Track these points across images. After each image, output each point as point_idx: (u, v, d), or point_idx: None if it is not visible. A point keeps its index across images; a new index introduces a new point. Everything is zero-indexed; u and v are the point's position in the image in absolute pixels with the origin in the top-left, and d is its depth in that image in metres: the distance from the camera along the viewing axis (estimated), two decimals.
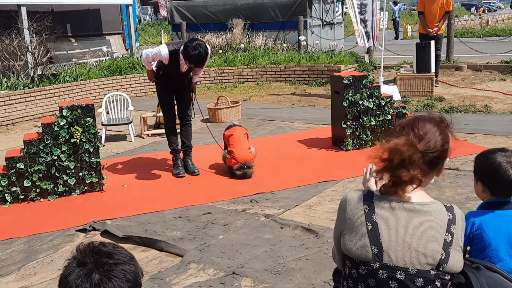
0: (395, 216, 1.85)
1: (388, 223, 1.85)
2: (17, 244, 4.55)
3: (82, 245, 1.53)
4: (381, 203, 1.88)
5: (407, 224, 1.83)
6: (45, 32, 10.83)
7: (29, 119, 9.76)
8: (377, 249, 1.82)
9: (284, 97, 10.88)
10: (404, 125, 1.89)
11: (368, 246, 1.83)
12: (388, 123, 6.93)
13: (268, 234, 4.51)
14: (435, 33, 10.35)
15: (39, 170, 5.43)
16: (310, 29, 14.46)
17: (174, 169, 6.22)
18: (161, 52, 5.73)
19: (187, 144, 6.29)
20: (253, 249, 4.24)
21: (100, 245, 1.52)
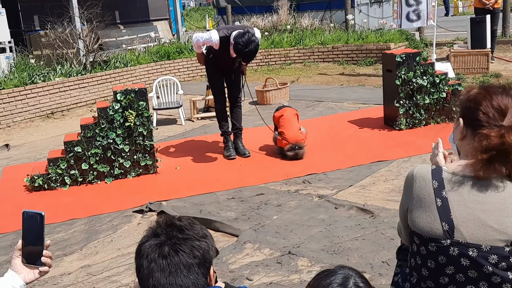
0: (466, 192, 1.78)
1: (459, 198, 1.78)
2: (78, 224, 4.70)
3: (162, 218, 1.57)
4: (451, 178, 1.82)
5: (480, 200, 1.76)
6: (95, 19, 11.05)
7: (82, 105, 10.01)
8: (448, 225, 1.76)
9: (332, 77, 10.73)
10: None
11: (438, 223, 1.78)
12: (443, 101, 6.73)
13: (322, 214, 4.48)
14: (492, 7, 9.91)
15: (96, 153, 5.57)
16: (358, 8, 14.14)
17: (225, 151, 6.26)
18: (212, 38, 5.72)
19: (237, 126, 6.30)
20: (308, 229, 4.22)
21: (175, 219, 1.55)
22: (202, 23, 26.40)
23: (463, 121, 1.91)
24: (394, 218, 4.27)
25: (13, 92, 9.06)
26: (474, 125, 1.86)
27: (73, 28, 11.13)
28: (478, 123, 1.85)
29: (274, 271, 3.62)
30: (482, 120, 1.84)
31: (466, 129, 1.89)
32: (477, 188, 1.77)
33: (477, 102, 1.87)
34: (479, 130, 1.82)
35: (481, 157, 1.76)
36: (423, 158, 5.64)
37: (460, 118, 1.93)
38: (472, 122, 1.87)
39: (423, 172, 1.88)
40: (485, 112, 1.85)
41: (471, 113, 1.87)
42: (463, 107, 1.94)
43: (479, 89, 1.93)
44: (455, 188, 1.79)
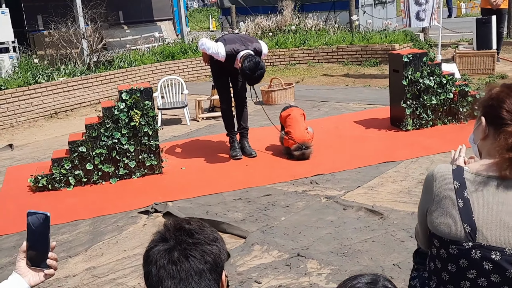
0: (489, 192, 1.72)
1: (481, 199, 1.72)
2: (82, 225, 4.64)
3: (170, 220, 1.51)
4: (473, 178, 1.76)
5: (503, 201, 1.70)
6: (99, 19, 11.01)
7: (86, 105, 9.97)
8: (470, 227, 1.70)
9: (337, 78, 10.67)
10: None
11: (460, 224, 1.72)
12: (450, 102, 6.67)
13: (331, 215, 4.42)
14: (499, 4, 9.80)
15: (101, 153, 5.51)
16: (362, 9, 14.09)
17: (231, 151, 6.20)
18: (219, 54, 5.71)
19: (243, 126, 6.25)
20: (317, 231, 4.16)
21: (184, 222, 1.49)
22: (205, 23, 26.38)
23: (485, 119, 1.86)
24: (404, 220, 4.21)
25: (17, 92, 9.02)
26: (497, 123, 1.81)
27: (77, 28, 11.09)
28: (502, 121, 1.80)
29: (283, 274, 3.56)
30: (506, 118, 1.79)
31: (489, 128, 1.84)
32: (501, 189, 1.71)
33: (500, 100, 1.82)
34: (503, 128, 1.77)
35: (508, 155, 1.70)
36: (431, 159, 5.58)
37: (482, 117, 1.88)
38: (495, 121, 1.81)
39: (443, 171, 1.81)
40: (509, 109, 1.79)
41: (494, 111, 1.82)
42: (485, 106, 1.89)
43: (501, 87, 1.88)
44: (477, 189, 1.73)
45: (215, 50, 5.73)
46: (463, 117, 6.73)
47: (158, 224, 4.53)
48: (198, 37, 13.87)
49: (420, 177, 5.09)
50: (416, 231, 2.07)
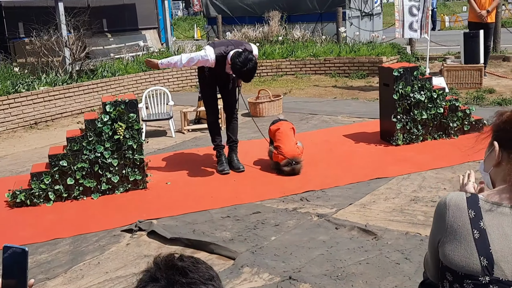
0: (506, 223, 1.60)
1: (499, 230, 1.59)
2: (62, 244, 4.41)
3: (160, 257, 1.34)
4: (489, 207, 1.63)
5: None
6: (82, 27, 10.78)
7: (68, 115, 9.71)
8: (487, 260, 1.57)
9: (325, 90, 10.56)
10: None
11: (476, 257, 1.58)
12: (440, 117, 6.58)
13: (323, 235, 4.25)
14: (486, 17, 9.78)
15: (82, 167, 5.29)
16: (349, 21, 14.06)
17: (218, 165, 6.02)
18: (208, 57, 5.50)
19: (233, 139, 6.07)
20: (309, 251, 3.99)
21: (177, 259, 1.33)
22: (190, 32, 26.25)
23: (498, 144, 1.74)
24: (398, 241, 4.07)
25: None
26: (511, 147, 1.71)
27: (59, 36, 10.84)
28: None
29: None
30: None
31: (502, 153, 1.72)
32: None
33: None
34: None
35: None
36: (422, 176, 5.47)
37: (494, 142, 1.76)
38: (509, 144, 1.70)
39: (457, 200, 1.68)
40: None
41: (507, 134, 1.72)
42: (497, 130, 1.78)
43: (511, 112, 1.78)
44: (494, 219, 1.61)
45: (204, 54, 5.52)
46: (453, 132, 6.64)
47: (142, 243, 4.33)
48: (183, 46, 13.70)
49: (413, 195, 4.97)
50: (426, 261, 1.92)
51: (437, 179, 5.33)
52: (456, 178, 5.31)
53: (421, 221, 4.40)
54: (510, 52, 12.05)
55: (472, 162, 5.69)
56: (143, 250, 4.20)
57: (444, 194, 1.71)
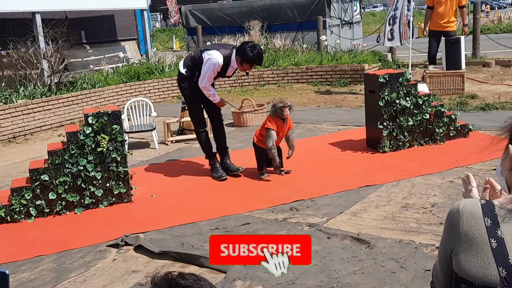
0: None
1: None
2: (46, 262, 4.24)
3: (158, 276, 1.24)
4: (507, 214, 1.54)
5: None
6: (60, 39, 10.59)
7: (47, 129, 9.49)
8: (506, 271, 1.48)
9: (308, 98, 10.53)
10: None
11: (494, 268, 1.49)
12: (426, 123, 6.56)
13: (315, 245, 4.15)
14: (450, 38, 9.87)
15: (65, 181, 5.12)
16: (329, 29, 14.11)
17: (213, 173, 5.98)
18: (217, 61, 5.63)
19: (223, 145, 6.12)
20: None
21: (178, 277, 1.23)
22: (169, 43, 26.13)
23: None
24: (392, 249, 3.99)
25: None
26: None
27: (37, 48, 10.64)
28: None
29: None
30: None
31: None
32: None
33: None
34: None
35: None
36: (411, 182, 5.43)
37: (509, 145, 1.67)
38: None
39: (471, 207, 1.59)
40: None
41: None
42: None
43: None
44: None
45: (212, 62, 5.65)
46: (439, 137, 6.63)
47: (129, 258, 4.19)
48: (163, 57, 13.57)
49: (403, 202, 4.92)
50: (435, 271, 1.83)
51: (426, 185, 5.29)
52: (446, 184, 5.28)
53: (413, 228, 4.34)
54: (490, 58, 12.18)
55: (461, 167, 5.68)
56: (131, 266, 4.05)
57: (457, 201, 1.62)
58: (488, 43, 13.40)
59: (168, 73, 11.87)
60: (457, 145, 6.50)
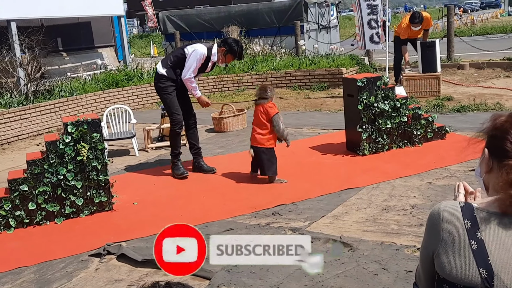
0: (504, 233, 1.55)
1: (497, 240, 1.54)
2: (26, 273, 4.18)
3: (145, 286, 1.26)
4: (486, 216, 1.58)
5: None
6: (37, 47, 10.47)
7: (24, 138, 9.37)
8: (486, 272, 1.51)
9: (287, 103, 10.58)
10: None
11: (475, 269, 1.53)
12: (404, 125, 6.66)
13: None
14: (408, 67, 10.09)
15: (44, 191, 5.07)
16: (307, 34, 14.21)
17: (175, 170, 6.21)
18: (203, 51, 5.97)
19: (197, 146, 6.33)
20: (285, 267, 3.90)
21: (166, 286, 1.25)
22: (147, 49, 26.00)
23: (489, 151, 1.69)
24: (374, 251, 4.04)
25: None
26: (501, 155, 1.65)
27: (13, 56, 10.50)
28: (506, 154, 1.63)
29: None
30: (509, 150, 1.63)
31: (492, 161, 1.68)
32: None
33: (504, 131, 1.65)
34: (505, 161, 1.61)
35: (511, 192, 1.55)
36: (391, 184, 5.49)
37: (485, 149, 1.71)
38: (499, 153, 1.65)
39: (451, 209, 1.62)
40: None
41: (497, 142, 1.66)
42: (489, 136, 1.72)
43: (507, 117, 1.72)
44: (491, 229, 1.56)
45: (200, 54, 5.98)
46: (417, 140, 6.73)
47: (112, 268, 4.16)
48: (142, 64, 13.50)
49: (384, 204, 4.98)
50: (418, 274, 1.86)
51: (406, 187, 5.37)
52: (425, 186, 5.36)
53: (394, 230, 4.40)
54: (464, 60, 12.39)
55: (439, 169, 5.77)
56: (114, 275, 4.03)
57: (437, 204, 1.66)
58: (462, 46, 13.65)
59: (147, 80, 11.82)
60: (435, 147, 6.60)
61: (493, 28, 22.73)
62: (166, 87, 6.10)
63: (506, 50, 12.90)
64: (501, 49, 13.34)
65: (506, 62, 11.76)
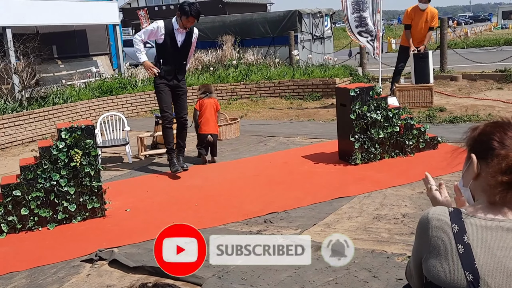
0: (490, 237, 1.58)
1: (483, 244, 1.58)
2: (18, 278, 4.18)
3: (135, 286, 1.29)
4: (473, 221, 1.62)
5: (506, 246, 1.57)
6: (32, 54, 10.49)
7: (18, 144, 9.37)
8: (472, 275, 1.55)
9: (281, 112, 10.64)
10: None
11: (461, 273, 1.57)
12: (397, 135, 6.72)
13: None
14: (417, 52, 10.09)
15: (37, 197, 5.07)
16: (301, 44, 14.31)
17: (171, 167, 6.56)
18: (157, 24, 6.30)
19: (182, 145, 6.79)
20: (276, 274, 3.93)
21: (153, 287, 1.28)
22: None
23: (476, 156, 1.73)
24: (364, 259, 4.07)
25: None
26: (489, 155, 1.69)
27: (8, 63, 10.51)
28: (494, 152, 1.67)
29: None
30: (497, 148, 1.66)
31: (480, 164, 1.72)
32: (503, 233, 1.58)
33: (489, 133, 1.70)
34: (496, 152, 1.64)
35: (501, 179, 1.58)
36: (383, 193, 5.53)
37: (472, 154, 1.75)
38: (487, 153, 1.69)
39: (439, 214, 1.66)
40: (500, 140, 1.67)
41: (484, 145, 1.70)
42: (474, 142, 1.76)
43: (485, 125, 1.77)
44: (478, 233, 1.59)
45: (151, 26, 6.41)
46: (409, 150, 6.79)
47: (103, 273, 4.17)
48: (136, 72, 13.54)
49: (375, 213, 5.01)
50: (409, 274, 1.89)
51: (397, 197, 5.41)
52: (416, 195, 5.41)
53: (385, 238, 4.43)
54: (457, 72, 12.51)
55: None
56: (105, 280, 4.03)
57: (426, 209, 1.70)
58: (456, 58, 13.79)
59: (141, 88, 11.86)
60: (427, 157, 6.66)
61: (486, 41, 23.00)
62: (157, 85, 6.57)
63: (499, 62, 13.04)
64: (493, 61, 13.49)
65: (498, 74, 11.88)
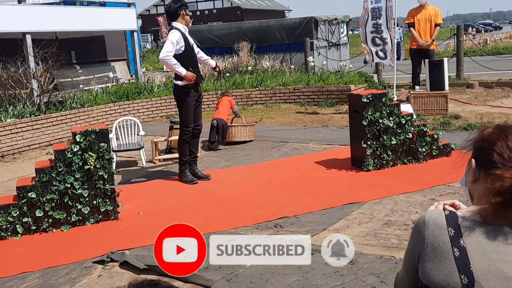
0: (486, 241, 1.60)
1: (478, 248, 1.59)
2: (31, 278, 4.27)
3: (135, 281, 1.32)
4: (469, 224, 1.63)
5: (501, 250, 1.58)
6: (50, 59, 10.69)
7: (36, 147, 9.53)
8: (467, 279, 1.56)
9: (295, 118, 10.67)
10: None
11: (456, 276, 1.58)
12: (409, 142, 6.70)
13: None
14: (427, 45, 10.06)
15: (52, 199, 5.17)
16: (317, 50, 14.34)
17: (184, 177, 6.53)
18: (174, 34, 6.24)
19: (195, 154, 6.67)
20: (284, 277, 3.96)
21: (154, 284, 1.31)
22: (159, 64, 26.26)
23: (476, 162, 1.75)
24: (373, 264, 4.08)
25: None
26: (487, 166, 1.70)
27: (27, 68, 10.72)
28: (492, 165, 1.69)
29: None
30: (496, 161, 1.68)
31: (479, 171, 1.73)
32: (498, 237, 1.59)
33: (492, 142, 1.71)
34: (492, 171, 1.66)
35: (494, 200, 1.60)
36: (394, 200, 5.53)
37: (472, 159, 1.77)
38: (486, 163, 1.70)
39: (436, 217, 1.68)
40: (500, 152, 1.69)
41: (484, 153, 1.71)
42: (476, 147, 1.78)
43: (493, 129, 1.77)
44: (474, 236, 1.61)
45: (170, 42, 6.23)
46: (422, 156, 6.76)
47: (114, 274, 4.23)
48: (153, 78, 13.69)
49: (385, 219, 5.01)
50: (399, 281, 1.91)
51: (408, 203, 5.40)
52: (427, 202, 5.39)
53: (395, 244, 4.43)
54: (474, 79, 12.42)
55: (442, 185, 5.80)
56: (116, 281, 4.10)
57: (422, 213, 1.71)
58: (473, 65, 13.69)
59: (157, 93, 11.99)
60: (440, 164, 6.63)
61: (505, 48, 22.75)
62: (186, 97, 6.39)
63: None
64: (511, 68, 13.36)
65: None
